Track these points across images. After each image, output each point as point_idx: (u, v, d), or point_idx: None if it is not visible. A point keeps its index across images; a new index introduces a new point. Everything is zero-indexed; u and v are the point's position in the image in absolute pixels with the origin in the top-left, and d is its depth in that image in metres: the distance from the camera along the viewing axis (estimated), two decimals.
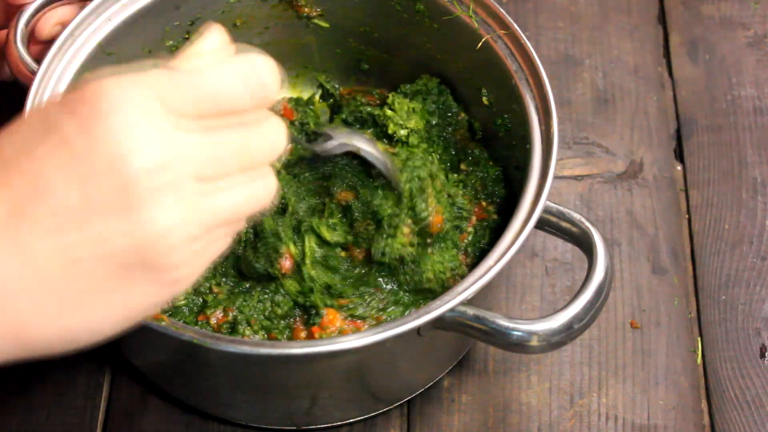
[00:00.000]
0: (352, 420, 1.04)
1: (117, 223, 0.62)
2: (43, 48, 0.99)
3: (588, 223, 0.93)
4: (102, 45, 0.99)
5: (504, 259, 0.89)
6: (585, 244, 0.93)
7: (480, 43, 1.02)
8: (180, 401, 1.05)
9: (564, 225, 0.94)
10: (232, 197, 0.66)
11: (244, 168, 0.67)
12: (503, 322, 0.87)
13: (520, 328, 0.87)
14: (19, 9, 0.99)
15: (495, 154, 1.07)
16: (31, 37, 1.00)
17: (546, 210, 0.93)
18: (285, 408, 1.00)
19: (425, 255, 0.97)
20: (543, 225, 0.95)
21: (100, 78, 0.62)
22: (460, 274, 0.98)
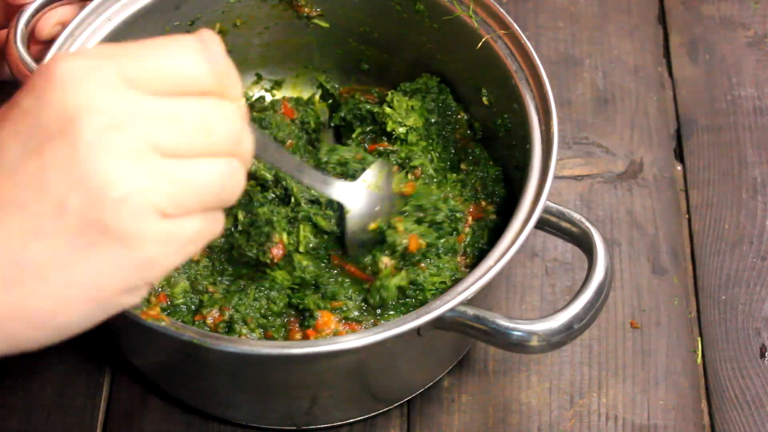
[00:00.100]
0: (352, 420, 1.04)
1: (67, 179, 0.61)
2: (43, 48, 0.99)
3: (588, 223, 0.93)
4: None
5: (504, 259, 0.89)
6: (585, 244, 0.93)
7: (480, 43, 1.02)
8: (180, 401, 1.05)
9: (564, 225, 0.94)
10: (196, 172, 0.64)
11: (204, 145, 0.65)
12: (503, 322, 0.87)
13: (520, 328, 0.87)
14: (19, 9, 0.99)
15: (495, 154, 1.07)
16: (31, 37, 1.00)
17: (546, 210, 0.93)
18: (285, 408, 1.00)
19: (419, 272, 0.97)
20: (543, 225, 0.95)
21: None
22: (459, 277, 0.98)
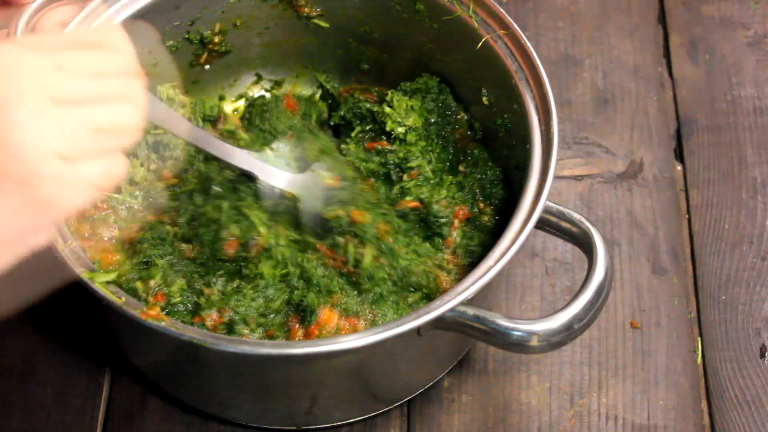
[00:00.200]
0: (352, 420, 1.04)
1: None
2: None
3: (588, 223, 0.93)
4: None
5: (504, 259, 0.89)
6: (585, 244, 0.93)
7: (480, 43, 1.02)
8: (180, 401, 1.05)
9: (564, 225, 0.94)
10: (91, 116, 0.65)
11: (96, 91, 0.66)
12: (503, 322, 0.87)
13: (520, 328, 0.87)
14: (19, 9, 0.99)
15: (495, 154, 1.07)
16: None
17: (546, 210, 0.93)
18: (285, 408, 1.00)
19: (399, 255, 0.98)
20: (543, 225, 0.95)
21: None
22: (445, 268, 0.99)
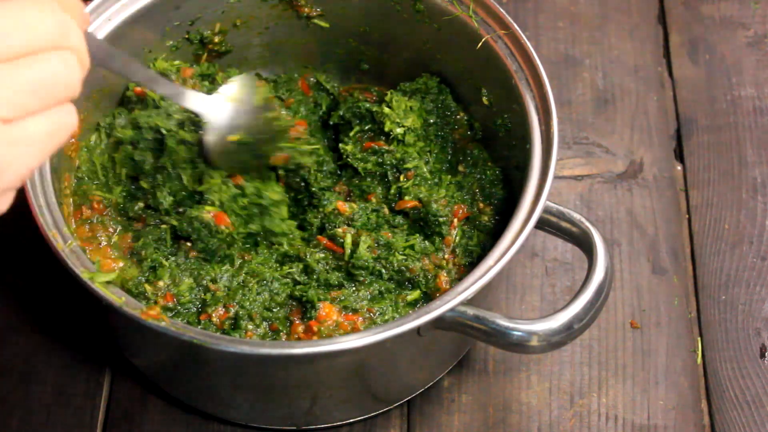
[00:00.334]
0: (352, 420, 1.04)
1: None
2: None
3: (588, 223, 0.93)
4: None
5: (504, 259, 0.89)
6: (585, 244, 0.93)
7: (480, 43, 1.02)
8: (180, 401, 1.05)
9: (564, 225, 0.94)
10: (24, 71, 0.64)
11: (26, 43, 0.65)
12: (503, 322, 0.87)
13: (520, 328, 0.87)
14: None
15: (495, 154, 1.07)
16: None
17: (546, 210, 0.93)
18: (285, 408, 1.00)
19: (382, 235, 1.00)
20: (543, 225, 0.95)
21: None
22: (445, 268, 0.99)
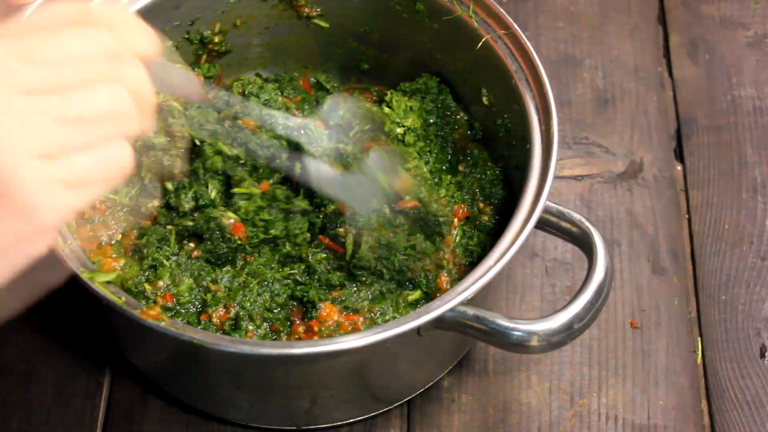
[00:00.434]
0: (352, 420, 1.04)
1: None
2: None
3: (588, 223, 0.93)
4: None
5: (504, 259, 0.89)
6: (585, 244, 0.93)
7: (480, 43, 1.02)
8: (180, 401, 1.05)
9: (564, 225, 0.94)
10: (67, 103, 0.64)
11: (73, 74, 0.65)
12: (503, 322, 0.87)
13: (520, 328, 0.87)
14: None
15: (495, 154, 1.07)
16: None
17: (546, 210, 0.93)
18: (285, 408, 1.00)
19: (384, 235, 0.99)
20: (543, 225, 0.95)
21: None
22: (445, 268, 0.99)
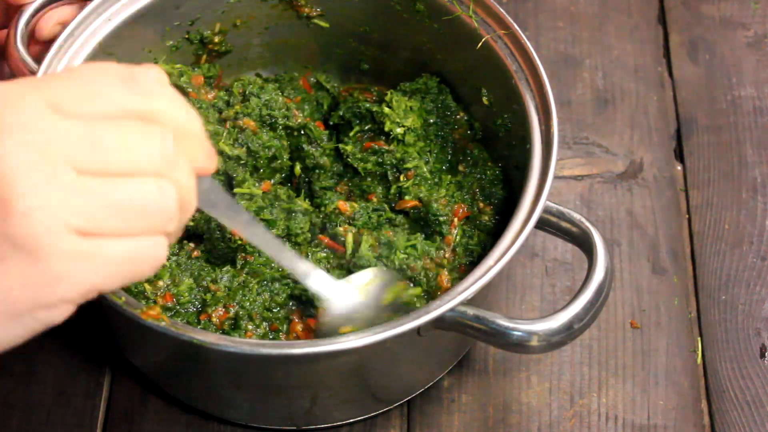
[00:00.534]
0: (352, 420, 1.04)
1: None
2: (43, 48, 0.99)
3: (588, 223, 0.93)
4: (102, 45, 0.99)
5: (504, 259, 0.88)
6: (585, 244, 0.93)
7: (480, 43, 1.02)
8: (180, 401, 1.05)
9: (564, 225, 0.94)
10: (114, 190, 0.65)
11: (125, 163, 0.65)
12: (503, 322, 0.87)
13: (520, 328, 0.87)
14: (19, 9, 0.99)
15: (495, 154, 1.07)
16: (31, 37, 1.00)
17: (546, 210, 0.93)
18: (285, 408, 1.00)
19: (384, 234, 1.01)
20: (543, 225, 0.95)
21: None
22: (446, 267, 0.99)
